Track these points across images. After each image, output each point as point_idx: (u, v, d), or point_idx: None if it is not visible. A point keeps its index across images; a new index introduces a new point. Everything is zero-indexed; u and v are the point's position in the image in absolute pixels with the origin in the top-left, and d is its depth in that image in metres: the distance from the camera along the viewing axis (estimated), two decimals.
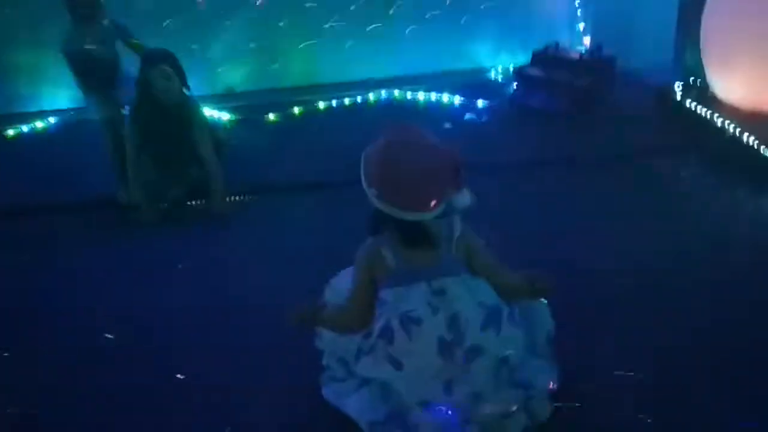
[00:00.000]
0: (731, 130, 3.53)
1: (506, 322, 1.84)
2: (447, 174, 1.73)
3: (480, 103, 4.53)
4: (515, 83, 4.71)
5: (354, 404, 1.87)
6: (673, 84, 4.16)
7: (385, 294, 1.83)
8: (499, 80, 5.15)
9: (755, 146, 3.36)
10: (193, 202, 3.48)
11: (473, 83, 4.92)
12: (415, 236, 1.79)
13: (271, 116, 4.53)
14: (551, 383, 1.89)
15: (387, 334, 1.80)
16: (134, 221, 3.32)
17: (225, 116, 4.50)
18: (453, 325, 1.78)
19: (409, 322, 1.78)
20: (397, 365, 1.81)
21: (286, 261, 2.81)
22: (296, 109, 4.61)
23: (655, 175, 3.48)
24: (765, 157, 3.29)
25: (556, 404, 1.87)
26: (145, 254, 3.03)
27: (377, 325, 1.83)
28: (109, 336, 2.37)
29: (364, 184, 1.77)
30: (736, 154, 3.44)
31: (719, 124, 3.62)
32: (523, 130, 4.15)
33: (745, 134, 3.44)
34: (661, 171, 3.51)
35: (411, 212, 1.74)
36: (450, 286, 1.80)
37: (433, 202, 1.73)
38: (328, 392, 1.98)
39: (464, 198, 1.77)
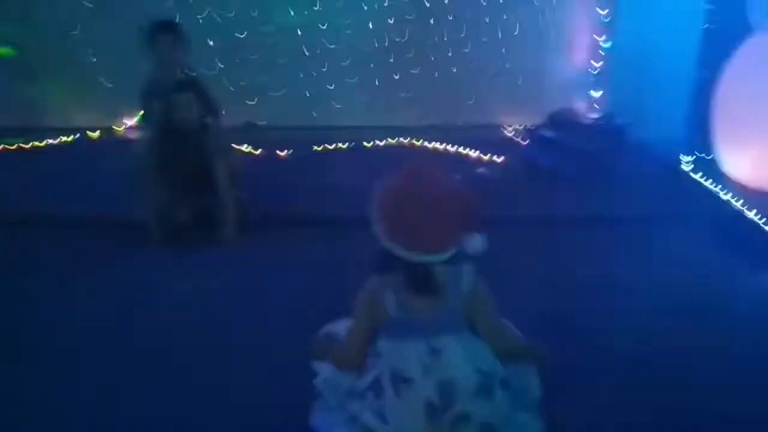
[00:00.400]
0: (738, 204, 3.60)
1: (498, 388, 1.81)
2: (457, 215, 1.70)
3: (493, 158, 4.64)
4: (527, 142, 4.81)
5: None
6: (682, 156, 4.25)
7: (381, 345, 1.80)
8: (513, 138, 5.27)
9: (760, 222, 3.42)
10: (203, 228, 3.53)
11: (487, 139, 5.04)
12: (419, 279, 1.74)
13: (290, 152, 4.65)
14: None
15: (376, 388, 1.78)
16: (141, 241, 3.35)
17: (244, 147, 4.62)
18: (444, 390, 1.74)
19: (400, 381, 1.75)
20: (383, 419, 1.78)
21: (285, 296, 2.85)
22: (315, 147, 4.74)
23: (656, 241, 3.52)
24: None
25: None
26: (142, 274, 3.06)
27: (368, 377, 1.81)
28: None
29: (373, 221, 1.76)
30: (739, 229, 3.50)
31: (725, 198, 3.68)
32: (532, 188, 4.22)
33: (752, 210, 3.51)
34: (662, 237, 3.55)
35: (415, 253, 1.71)
36: (448, 346, 1.76)
37: (440, 244, 1.70)
38: (317, 419, 1.97)
39: (476, 243, 1.73)
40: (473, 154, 4.74)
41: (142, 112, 3.82)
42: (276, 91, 5.20)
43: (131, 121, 5.08)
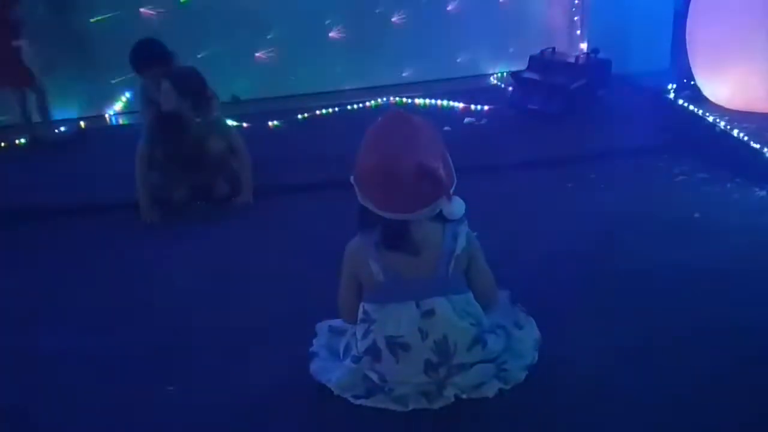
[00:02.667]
0: (721, 126, 3.63)
1: (492, 337, 1.86)
2: (423, 181, 1.65)
3: (479, 107, 4.65)
4: (512, 87, 4.82)
5: (337, 380, 1.89)
6: (667, 86, 4.26)
7: (372, 309, 1.81)
8: (499, 85, 5.27)
9: (745, 140, 3.45)
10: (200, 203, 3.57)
11: (473, 89, 5.04)
12: (395, 237, 1.72)
13: (275, 123, 4.67)
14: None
15: (374, 353, 1.81)
16: (140, 222, 3.39)
17: (231, 123, 4.63)
18: (441, 348, 1.77)
19: (397, 347, 1.77)
20: (382, 378, 1.83)
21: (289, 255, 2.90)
22: (299, 116, 4.73)
23: (648, 171, 3.57)
24: (754, 149, 3.37)
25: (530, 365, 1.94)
26: (147, 253, 3.09)
27: (364, 342, 1.82)
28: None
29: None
30: (726, 150, 3.54)
31: (710, 121, 3.72)
32: (521, 132, 4.24)
33: (735, 130, 3.54)
34: (655, 166, 3.60)
35: (387, 212, 1.71)
36: (439, 306, 1.76)
37: (409, 206, 1.68)
38: (314, 368, 1.99)
39: (452, 207, 1.70)
40: (460, 105, 4.74)
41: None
42: (255, 61, 5.16)
43: (118, 108, 5.09)
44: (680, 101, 4.05)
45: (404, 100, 4.91)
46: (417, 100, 4.90)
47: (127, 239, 3.26)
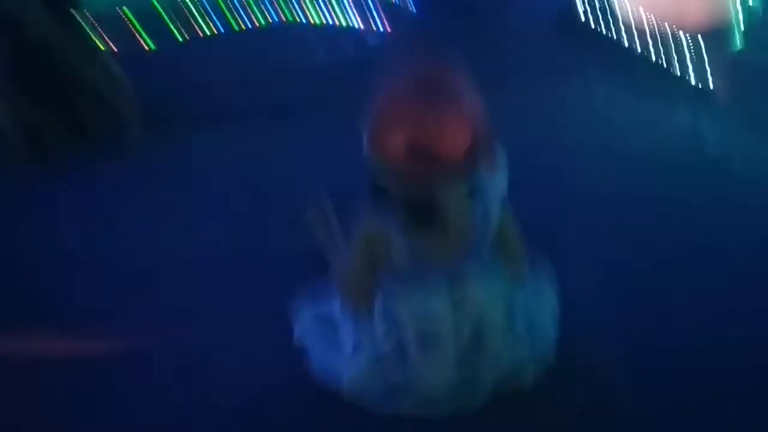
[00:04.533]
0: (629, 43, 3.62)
1: (521, 321, 1.62)
2: (457, 145, 1.27)
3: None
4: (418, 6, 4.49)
5: (350, 383, 1.63)
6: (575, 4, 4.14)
7: (397, 301, 1.50)
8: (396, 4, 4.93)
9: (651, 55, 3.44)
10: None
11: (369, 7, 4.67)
12: (422, 215, 1.35)
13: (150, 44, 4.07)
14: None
15: (399, 349, 1.54)
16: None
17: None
18: (474, 338, 1.54)
19: (427, 339, 1.52)
20: (407, 378, 1.57)
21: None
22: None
23: (560, 90, 3.43)
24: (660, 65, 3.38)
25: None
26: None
27: (388, 337, 1.53)
28: None
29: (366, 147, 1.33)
30: (635, 65, 3.51)
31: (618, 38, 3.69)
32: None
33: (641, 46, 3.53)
34: (567, 85, 3.47)
35: (414, 185, 1.31)
36: (474, 293, 1.51)
37: (436, 177, 1.30)
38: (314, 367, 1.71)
39: (495, 180, 1.34)
40: (358, 24, 4.37)
41: None
42: None
43: None
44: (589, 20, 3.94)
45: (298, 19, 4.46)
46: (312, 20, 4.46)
47: None
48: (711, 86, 3.23)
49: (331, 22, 4.44)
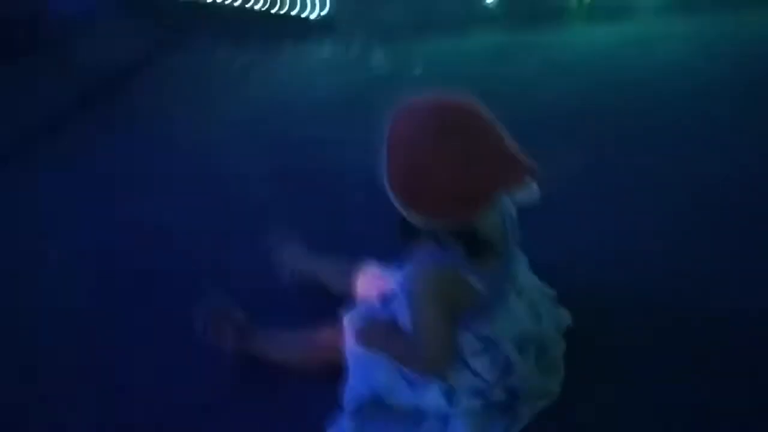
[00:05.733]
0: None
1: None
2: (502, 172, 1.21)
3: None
4: None
5: None
6: None
7: (491, 328, 1.43)
8: None
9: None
10: None
11: None
12: (476, 242, 1.30)
13: None
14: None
15: (506, 368, 1.47)
16: None
17: None
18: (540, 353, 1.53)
19: (527, 342, 1.49)
20: (513, 393, 1.49)
21: None
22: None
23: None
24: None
25: None
26: None
27: (493, 367, 1.45)
28: None
29: (387, 186, 1.23)
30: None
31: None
32: None
33: None
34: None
35: (465, 221, 1.26)
36: (523, 282, 1.51)
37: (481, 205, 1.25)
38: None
39: (530, 192, 1.27)
40: None
41: None
42: None
43: None
44: None
45: None
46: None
47: None
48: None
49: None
